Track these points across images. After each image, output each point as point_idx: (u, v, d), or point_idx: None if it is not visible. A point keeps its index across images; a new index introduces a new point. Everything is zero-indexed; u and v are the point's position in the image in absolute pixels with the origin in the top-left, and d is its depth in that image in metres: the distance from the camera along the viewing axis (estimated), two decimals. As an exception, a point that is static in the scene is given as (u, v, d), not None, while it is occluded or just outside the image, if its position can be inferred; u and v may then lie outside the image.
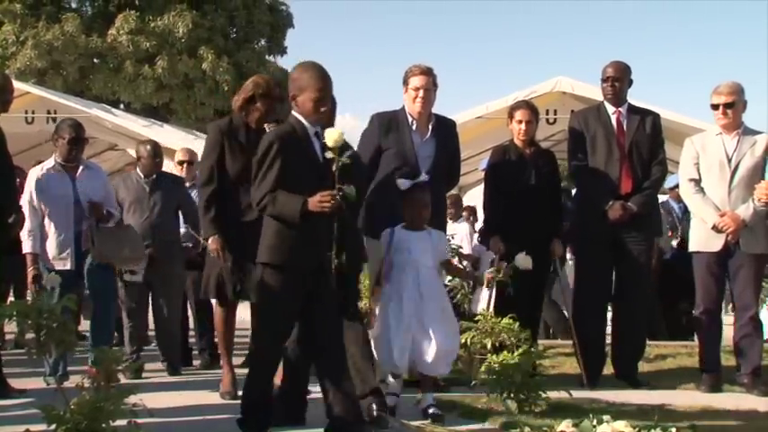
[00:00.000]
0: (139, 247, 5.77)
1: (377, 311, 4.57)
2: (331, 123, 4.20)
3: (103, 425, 3.08)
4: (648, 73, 52.94)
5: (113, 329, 6.06)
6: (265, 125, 4.90)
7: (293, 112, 3.91)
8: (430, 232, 4.63)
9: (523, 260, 4.99)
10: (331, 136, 3.71)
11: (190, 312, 6.81)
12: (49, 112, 10.97)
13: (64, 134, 5.50)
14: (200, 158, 5.85)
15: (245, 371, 3.98)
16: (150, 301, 6.27)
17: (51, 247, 5.46)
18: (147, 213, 6.08)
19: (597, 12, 57.37)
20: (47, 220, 5.47)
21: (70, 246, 5.46)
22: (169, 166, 7.00)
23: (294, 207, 3.70)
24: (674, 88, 57.99)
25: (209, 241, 4.84)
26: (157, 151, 6.29)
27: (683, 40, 59.60)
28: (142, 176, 6.20)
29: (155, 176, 6.19)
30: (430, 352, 4.38)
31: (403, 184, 4.70)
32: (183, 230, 6.39)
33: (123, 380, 3.53)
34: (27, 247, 5.45)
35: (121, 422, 3.14)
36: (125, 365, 3.42)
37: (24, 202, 5.43)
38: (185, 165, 6.98)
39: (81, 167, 5.61)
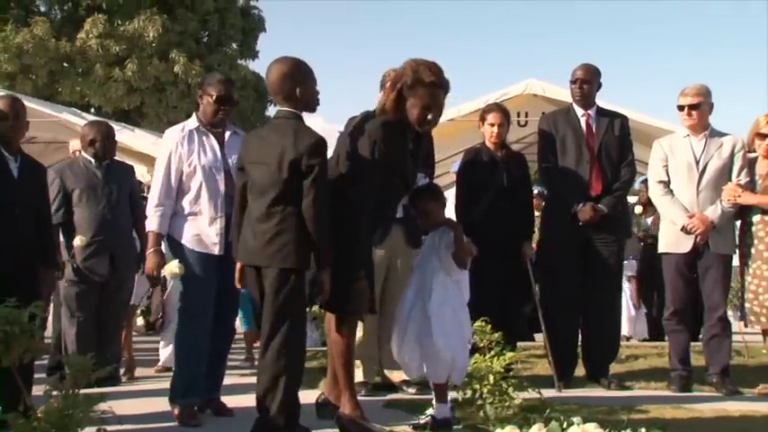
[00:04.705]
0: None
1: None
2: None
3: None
4: (617, 75, 53.42)
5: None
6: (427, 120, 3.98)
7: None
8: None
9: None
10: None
11: None
12: (17, 117, 10.82)
13: (212, 91, 4.51)
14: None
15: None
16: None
17: (193, 225, 4.45)
18: (103, 203, 5.49)
19: (568, 14, 57.84)
20: (189, 194, 4.47)
21: (220, 226, 4.42)
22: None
23: None
24: (642, 90, 58.57)
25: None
26: (111, 132, 5.70)
27: (652, 42, 60.24)
28: (92, 161, 5.56)
29: (108, 161, 5.62)
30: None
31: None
32: None
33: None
34: (153, 224, 4.44)
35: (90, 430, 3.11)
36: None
37: (159, 168, 4.50)
38: None
39: (228, 132, 4.63)
